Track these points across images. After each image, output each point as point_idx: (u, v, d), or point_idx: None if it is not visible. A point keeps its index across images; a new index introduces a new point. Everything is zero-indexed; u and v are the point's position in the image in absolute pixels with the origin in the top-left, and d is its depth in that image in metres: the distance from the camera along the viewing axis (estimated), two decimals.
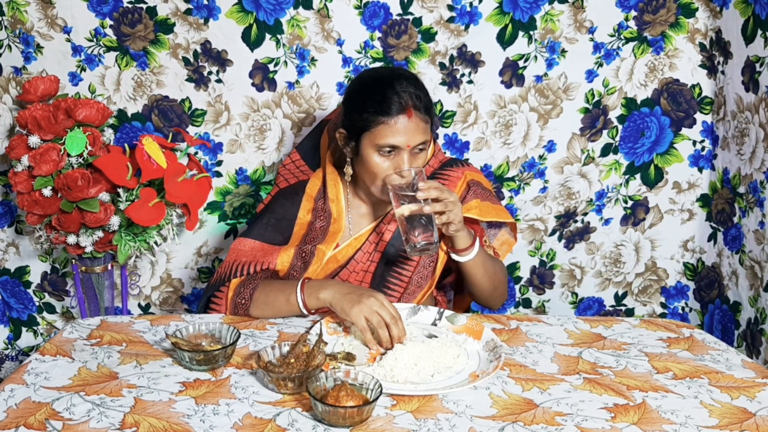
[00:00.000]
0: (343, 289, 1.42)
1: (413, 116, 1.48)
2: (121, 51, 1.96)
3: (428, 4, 1.94)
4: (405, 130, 1.48)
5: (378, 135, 1.50)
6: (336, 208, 1.65)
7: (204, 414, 1.13)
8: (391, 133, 1.49)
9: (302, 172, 1.75)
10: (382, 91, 1.50)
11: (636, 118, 2.09)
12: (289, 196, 1.68)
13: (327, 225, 1.64)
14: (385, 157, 1.51)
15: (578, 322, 1.54)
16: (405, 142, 1.49)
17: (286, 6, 1.91)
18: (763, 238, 1.90)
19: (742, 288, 2.02)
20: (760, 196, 1.90)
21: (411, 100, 1.49)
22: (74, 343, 1.37)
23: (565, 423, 1.13)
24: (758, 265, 1.93)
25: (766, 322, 1.90)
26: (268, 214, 1.67)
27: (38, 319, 2.23)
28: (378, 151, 1.51)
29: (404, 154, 1.50)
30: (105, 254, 1.94)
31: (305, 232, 1.64)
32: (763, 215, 1.89)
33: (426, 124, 1.52)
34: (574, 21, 1.98)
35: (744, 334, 2.02)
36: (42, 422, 1.09)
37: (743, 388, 1.26)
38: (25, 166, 1.79)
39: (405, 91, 1.49)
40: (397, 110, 1.48)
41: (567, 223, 2.20)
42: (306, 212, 1.66)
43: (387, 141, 1.49)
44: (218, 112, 2.02)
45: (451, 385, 1.23)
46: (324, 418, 1.10)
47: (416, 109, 1.49)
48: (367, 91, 1.53)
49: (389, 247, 1.63)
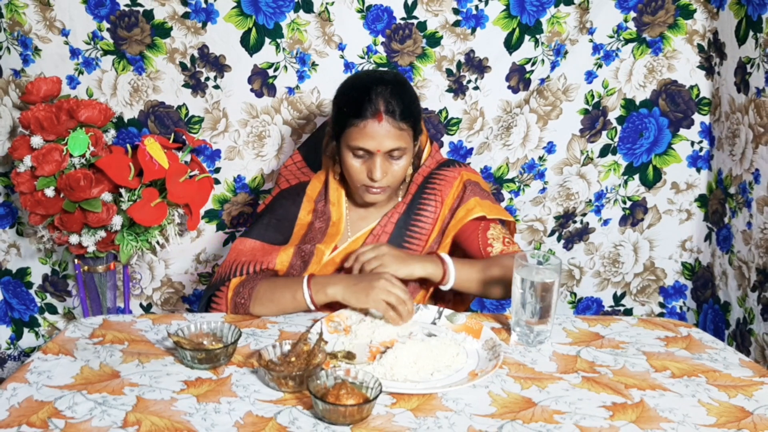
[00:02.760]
0: (350, 281, 1.45)
1: (383, 121, 1.49)
2: (118, 55, 1.94)
3: (433, 8, 1.92)
4: (374, 134, 1.50)
5: (350, 137, 1.53)
6: (336, 211, 1.66)
7: (205, 412, 1.13)
8: (361, 136, 1.51)
9: (303, 174, 1.75)
10: (357, 95, 1.52)
11: (635, 119, 2.10)
12: (290, 197, 1.69)
13: (326, 227, 1.65)
14: (359, 159, 1.54)
15: (576, 321, 1.54)
16: (375, 146, 1.51)
17: (286, 9, 1.89)
18: (750, 238, 1.90)
19: (731, 288, 2.02)
20: (749, 197, 1.90)
21: (383, 105, 1.50)
22: (77, 341, 1.37)
23: (564, 421, 1.13)
24: (745, 266, 1.93)
25: (754, 322, 1.91)
26: (268, 215, 1.68)
27: (40, 320, 2.23)
28: (352, 153, 1.54)
29: (377, 158, 1.52)
30: (107, 254, 1.94)
31: (305, 232, 1.65)
32: (751, 216, 1.90)
33: (400, 131, 1.51)
34: (579, 23, 1.97)
35: (734, 334, 2.02)
36: (44, 421, 1.09)
37: (741, 386, 1.26)
38: (28, 166, 1.79)
39: (380, 95, 1.50)
40: (368, 114, 1.50)
41: (566, 224, 2.20)
42: (306, 213, 1.67)
43: (357, 143, 1.51)
44: (216, 119, 2.00)
45: (450, 383, 1.24)
46: (324, 416, 1.10)
47: (388, 113, 1.50)
48: (346, 93, 1.57)
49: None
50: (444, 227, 1.67)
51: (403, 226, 1.65)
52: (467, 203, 1.64)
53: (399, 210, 1.67)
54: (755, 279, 1.89)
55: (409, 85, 1.61)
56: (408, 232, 1.65)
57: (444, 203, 1.67)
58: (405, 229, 1.65)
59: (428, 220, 1.66)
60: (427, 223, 1.65)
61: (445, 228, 1.67)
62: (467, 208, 1.63)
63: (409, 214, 1.66)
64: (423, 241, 1.66)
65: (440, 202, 1.66)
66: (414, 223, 1.65)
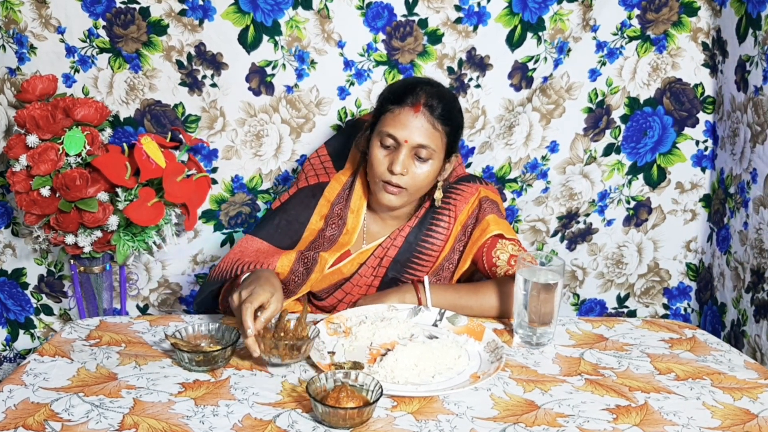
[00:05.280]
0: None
1: (420, 113, 1.49)
2: (114, 53, 1.92)
3: (434, 5, 1.91)
4: (407, 123, 1.49)
5: (383, 122, 1.52)
6: (353, 220, 1.63)
7: (203, 415, 1.12)
8: (393, 122, 1.50)
9: (325, 171, 1.72)
10: (403, 86, 1.55)
11: (639, 118, 2.08)
12: (306, 199, 1.66)
13: (338, 234, 1.62)
14: (385, 150, 1.52)
15: (580, 322, 1.53)
16: (404, 136, 1.49)
17: (285, 6, 1.87)
18: (746, 239, 1.89)
19: (727, 289, 2.01)
20: (746, 197, 1.89)
21: (425, 98, 1.50)
22: (73, 343, 1.36)
23: (567, 424, 1.13)
24: (741, 266, 1.92)
25: (747, 323, 1.89)
26: (281, 214, 1.65)
27: (35, 321, 2.22)
28: (380, 141, 1.52)
29: (402, 150, 1.50)
30: (103, 254, 1.93)
31: (314, 239, 1.63)
32: (747, 216, 1.88)
33: (434, 129, 1.50)
34: (582, 20, 1.96)
35: (728, 336, 2.01)
36: (41, 423, 1.09)
37: (746, 389, 1.26)
38: (24, 165, 1.78)
39: (424, 90, 1.51)
40: (407, 102, 1.50)
41: (569, 224, 2.19)
42: (319, 218, 1.64)
43: (388, 129, 1.50)
44: (213, 118, 1.98)
45: (452, 386, 1.23)
46: (324, 419, 1.09)
47: (426, 107, 1.49)
48: (394, 85, 1.60)
49: (394, 263, 1.62)
50: (455, 244, 1.64)
51: (413, 241, 1.62)
52: (481, 224, 1.60)
53: (411, 224, 1.63)
54: (749, 280, 1.88)
55: (457, 100, 1.60)
56: (418, 248, 1.62)
57: (457, 219, 1.63)
58: (415, 244, 1.62)
59: (440, 236, 1.62)
60: (438, 239, 1.62)
61: (456, 245, 1.63)
62: (482, 228, 1.59)
63: (421, 229, 1.62)
64: (434, 257, 1.63)
65: (453, 218, 1.63)
66: (425, 238, 1.62)
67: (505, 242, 1.57)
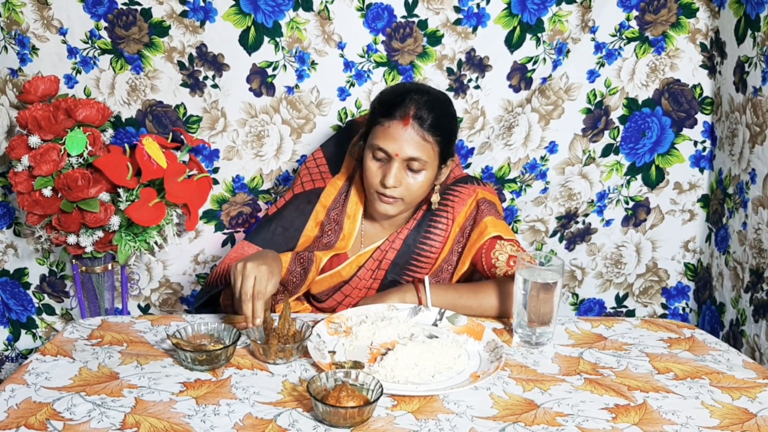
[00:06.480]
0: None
1: (409, 126, 1.47)
2: (116, 54, 1.92)
3: (434, 6, 1.91)
4: (397, 137, 1.48)
5: (374, 135, 1.52)
6: (349, 225, 1.63)
7: (205, 414, 1.12)
8: (383, 136, 1.49)
9: (321, 176, 1.72)
10: (392, 97, 1.52)
11: (637, 119, 2.09)
12: (301, 205, 1.66)
13: (334, 241, 1.63)
14: (377, 162, 1.52)
15: (579, 322, 1.53)
16: (394, 150, 1.48)
17: (285, 8, 1.88)
18: (745, 239, 1.89)
19: (726, 289, 2.02)
20: (745, 197, 1.89)
21: (413, 110, 1.48)
22: (75, 343, 1.37)
23: (566, 423, 1.13)
24: (740, 266, 1.93)
25: (746, 323, 1.90)
26: (276, 221, 1.65)
27: (37, 321, 2.22)
28: (372, 153, 1.52)
29: (393, 164, 1.49)
30: (105, 254, 1.93)
31: (309, 245, 1.63)
32: (746, 216, 1.89)
33: (424, 141, 1.49)
34: (581, 21, 1.96)
35: (727, 336, 2.01)
36: (43, 422, 1.09)
37: (744, 388, 1.26)
38: (26, 166, 1.78)
39: (413, 101, 1.49)
40: (396, 115, 1.48)
41: (568, 225, 2.19)
42: (314, 225, 1.64)
43: (378, 143, 1.50)
44: (214, 119, 1.99)
45: (452, 385, 1.23)
46: (325, 418, 1.10)
47: (416, 120, 1.48)
48: (384, 94, 1.57)
49: (392, 266, 1.63)
50: (454, 245, 1.64)
51: (411, 243, 1.62)
52: (479, 226, 1.60)
53: (409, 226, 1.63)
54: (748, 280, 1.89)
55: (451, 105, 1.57)
56: (416, 250, 1.62)
57: (455, 221, 1.63)
58: (413, 246, 1.62)
59: (438, 238, 1.62)
60: (436, 241, 1.62)
61: (454, 247, 1.64)
62: (479, 230, 1.59)
63: (419, 231, 1.63)
64: (432, 259, 1.63)
65: (451, 220, 1.63)
66: (423, 241, 1.62)
67: (504, 243, 1.57)
